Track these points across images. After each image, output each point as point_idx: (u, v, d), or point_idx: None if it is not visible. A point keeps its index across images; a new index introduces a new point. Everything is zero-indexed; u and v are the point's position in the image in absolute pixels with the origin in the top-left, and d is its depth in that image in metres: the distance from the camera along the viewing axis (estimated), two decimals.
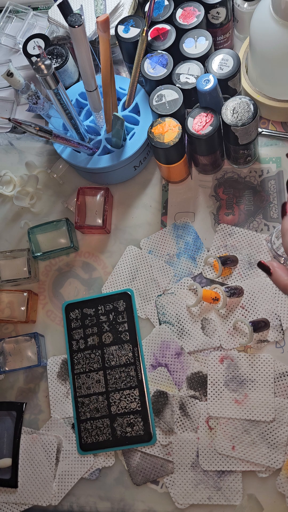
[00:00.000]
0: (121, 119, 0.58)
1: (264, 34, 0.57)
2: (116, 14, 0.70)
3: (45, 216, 0.72)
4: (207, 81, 0.56)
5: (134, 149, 0.64)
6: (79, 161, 0.65)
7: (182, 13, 0.64)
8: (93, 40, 0.70)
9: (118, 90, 0.67)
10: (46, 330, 0.67)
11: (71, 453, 0.60)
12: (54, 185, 0.73)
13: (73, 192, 0.72)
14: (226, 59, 0.60)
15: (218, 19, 0.65)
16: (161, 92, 0.61)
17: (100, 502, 0.59)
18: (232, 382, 0.58)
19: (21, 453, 0.61)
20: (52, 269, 0.69)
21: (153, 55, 0.63)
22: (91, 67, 0.56)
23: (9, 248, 0.71)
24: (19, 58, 0.77)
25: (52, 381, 0.64)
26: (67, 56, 0.69)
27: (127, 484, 0.59)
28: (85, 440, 0.60)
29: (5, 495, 0.61)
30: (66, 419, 0.62)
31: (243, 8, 0.67)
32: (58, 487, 0.60)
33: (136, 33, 0.64)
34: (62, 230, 0.68)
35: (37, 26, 0.79)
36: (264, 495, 0.56)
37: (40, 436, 0.61)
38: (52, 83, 0.52)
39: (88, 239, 0.69)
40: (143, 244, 0.67)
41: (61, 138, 0.57)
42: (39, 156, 0.75)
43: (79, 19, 0.49)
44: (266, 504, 0.55)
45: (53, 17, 0.72)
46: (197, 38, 0.62)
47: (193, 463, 0.57)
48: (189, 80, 0.61)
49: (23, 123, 0.50)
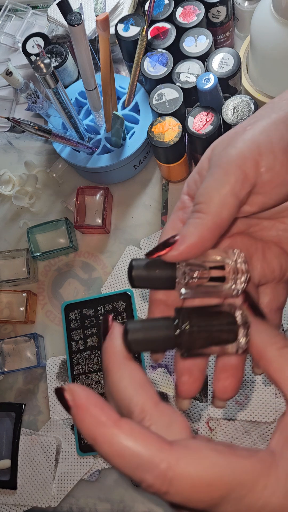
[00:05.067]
0: (121, 118, 0.58)
1: (264, 33, 0.57)
2: (116, 13, 0.70)
3: (44, 216, 0.71)
4: (207, 80, 0.56)
5: (134, 149, 0.63)
6: (79, 161, 0.65)
7: (182, 12, 0.63)
8: (92, 39, 0.69)
9: (117, 89, 0.66)
10: (45, 331, 0.67)
11: (71, 454, 0.60)
12: (53, 185, 0.73)
13: (72, 191, 0.71)
14: (227, 58, 0.59)
15: (218, 18, 0.65)
16: (161, 91, 0.61)
17: (99, 504, 0.59)
18: None
19: (20, 454, 0.61)
20: (51, 269, 0.69)
21: (153, 54, 0.62)
22: (91, 66, 0.55)
23: (8, 248, 0.71)
24: (18, 57, 0.77)
25: (52, 382, 0.63)
26: (66, 55, 0.69)
27: (127, 486, 0.59)
28: (85, 441, 0.59)
29: (4, 496, 0.60)
30: (66, 420, 0.62)
31: (244, 6, 0.66)
32: (58, 489, 0.59)
33: (136, 31, 0.63)
34: (61, 230, 0.67)
35: (36, 25, 0.78)
36: None
37: (39, 437, 0.61)
38: (51, 82, 0.52)
39: (87, 239, 0.69)
40: (143, 244, 0.66)
41: (60, 137, 0.57)
42: (38, 156, 0.75)
43: (79, 17, 0.49)
44: None
45: (53, 16, 0.71)
46: (197, 37, 0.62)
47: None
48: (189, 79, 0.61)
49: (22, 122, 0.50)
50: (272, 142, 0.29)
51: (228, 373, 0.32)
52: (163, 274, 0.30)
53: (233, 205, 0.29)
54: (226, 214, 0.29)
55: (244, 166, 0.29)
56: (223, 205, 0.29)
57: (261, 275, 0.34)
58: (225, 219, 0.29)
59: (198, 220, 0.29)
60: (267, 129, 0.29)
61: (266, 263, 0.33)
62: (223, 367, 0.32)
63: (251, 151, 0.29)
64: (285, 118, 0.29)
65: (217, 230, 0.29)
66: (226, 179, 0.29)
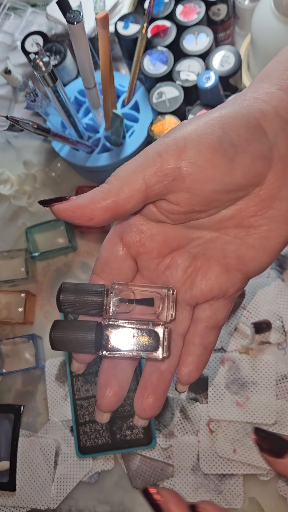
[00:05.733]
0: (121, 117, 0.57)
1: (265, 31, 0.56)
2: (116, 11, 0.69)
3: (43, 216, 0.71)
4: (208, 78, 0.56)
5: (133, 147, 0.63)
6: (78, 159, 0.64)
7: (183, 10, 0.63)
8: (92, 37, 0.69)
9: (117, 87, 0.66)
10: (44, 332, 0.66)
11: (70, 456, 0.60)
12: (52, 184, 0.72)
13: (71, 191, 0.71)
14: (227, 56, 0.59)
15: (219, 16, 0.65)
16: (161, 89, 0.60)
17: (99, 506, 0.59)
18: (233, 384, 0.57)
19: (19, 456, 0.61)
20: (50, 269, 0.69)
21: (153, 52, 0.62)
22: (90, 64, 0.55)
23: (6, 248, 0.70)
24: (17, 56, 0.76)
25: (50, 383, 0.63)
26: (65, 53, 0.68)
27: (127, 488, 0.58)
28: (84, 443, 0.59)
29: (3, 498, 0.60)
30: (65, 422, 0.61)
31: (244, 5, 0.66)
32: (57, 491, 0.59)
33: (135, 30, 0.63)
34: (60, 229, 0.67)
35: (35, 23, 0.78)
36: (266, 499, 0.55)
37: (38, 439, 0.61)
38: (50, 80, 0.52)
39: (87, 239, 0.69)
40: None
41: (59, 136, 0.57)
42: (37, 155, 0.74)
43: (78, 16, 0.48)
44: (267, 507, 0.55)
45: (52, 14, 0.71)
46: (197, 35, 0.61)
47: (194, 467, 0.56)
48: (190, 77, 0.60)
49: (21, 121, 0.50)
50: (200, 136, 0.29)
51: (148, 390, 0.33)
52: (92, 299, 0.31)
53: (137, 186, 0.29)
54: (128, 192, 0.29)
55: (165, 154, 0.29)
56: (127, 183, 0.29)
57: (198, 295, 0.33)
58: (125, 198, 0.29)
59: (99, 188, 0.30)
60: (200, 125, 0.29)
61: (205, 281, 0.33)
62: (144, 385, 0.33)
63: (177, 143, 0.29)
64: (221, 116, 0.29)
65: (112, 204, 0.29)
66: (140, 161, 0.29)
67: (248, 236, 0.31)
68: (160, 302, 0.32)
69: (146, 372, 0.34)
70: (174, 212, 0.30)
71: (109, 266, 0.33)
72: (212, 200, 0.30)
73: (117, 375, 0.33)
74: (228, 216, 0.31)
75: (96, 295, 0.31)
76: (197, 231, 0.33)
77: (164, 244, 0.33)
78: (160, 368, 0.33)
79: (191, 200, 0.30)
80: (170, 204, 0.30)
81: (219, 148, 0.28)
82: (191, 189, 0.29)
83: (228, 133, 0.28)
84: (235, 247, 0.32)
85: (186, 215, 0.31)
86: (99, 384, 0.33)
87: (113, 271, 0.33)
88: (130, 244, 0.33)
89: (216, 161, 0.28)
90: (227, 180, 0.29)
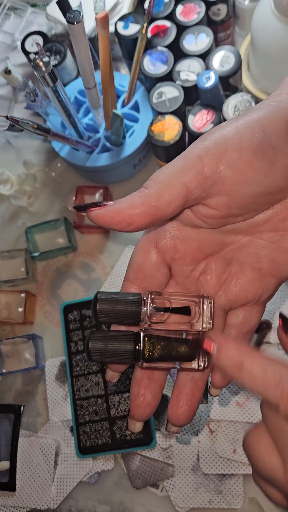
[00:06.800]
0: (121, 117, 0.57)
1: (265, 31, 0.56)
2: (116, 11, 0.69)
3: (43, 216, 0.71)
4: (208, 78, 0.56)
5: (133, 147, 0.63)
6: (78, 159, 0.64)
7: (183, 10, 0.63)
8: (92, 37, 0.69)
9: (117, 87, 0.66)
10: (44, 332, 0.66)
11: (70, 456, 0.60)
12: (52, 184, 0.72)
13: (71, 191, 0.71)
14: (227, 56, 0.59)
15: (219, 16, 0.65)
16: (161, 89, 0.60)
17: (99, 506, 0.59)
18: (233, 384, 0.57)
19: (19, 456, 0.61)
20: (50, 269, 0.69)
21: (153, 52, 0.62)
22: (90, 64, 0.55)
23: (6, 248, 0.70)
24: (17, 56, 0.76)
25: (50, 383, 0.63)
26: (65, 53, 0.68)
27: (127, 488, 0.58)
28: (84, 443, 0.59)
29: (3, 498, 0.60)
30: (65, 422, 0.61)
31: (244, 5, 0.66)
32: (57, 491, 0.59)
33: (135, 30, 0.63)
34: (60, 229, 0.67)
35: (35, 23, 0.78)
36: (266, 499, 0.55)
37: (38, 439, 0.61)
38: (50, 80, 0.52)
39: (86, 239, 0.69)
40: None
41: (59, 136, 0.56)
42: (37, 155, 0.74)
43: (78, 16, 0.48)
44: (267, 507, 0.55)
45: (52, 14, 0.71)
46: (197, 35, 0.61)
47: (194, 467, 0.56)
48: (190, 77, 0.60)
49: (21, 121, 0.50)
50: (241, 139, 0.28)
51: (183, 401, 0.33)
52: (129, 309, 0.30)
53: (177, 190, 0.28)
54: (168, 197, 0.28)
55: (205, 157, 0.28)
56: (166, 188, 0.28)
57: (233, 302, 0.33)
58: (165, 202, 0.28)
59: (137, 193, 0.29)
60: (239, 126, 0.29)
61: (239, 287, 0.32)
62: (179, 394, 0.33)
63: (217, 145, 0.28)
64: (260, 118, 0.29)
65: (152, 209, 0.28)
66: (180, 165, 0.28)
67: (282, 240, 0.31)
68: (196, 310, 0.31)
69: (180, 381, 0.33)
70: (211, 216, 0.30)
71: (143, 273, 0.32)
72: (251, 203, 0.29)
73: (150, 386, 0.32)
74: (263, 220, 0.31)
75: (133, 304, 0.30)
76: (232, 235, 0.32)
77: (198, 249, 0.32)
78: (194, 377, 0.33)
79: (230, 203, 0.29)
80: (208, 208, 0.29)
81: (259, 150, 0.28)
82: (231, 192, 0.28)
83: (269, 135, 0.28)
84: (269, 251, 0.31)
85: (223, 219, 0.30)
86: (133, 394, 0.32)
87: (148, 278, 0.32)
88: (165, 250, 0.32)
89: (256, 163, 0.28)
90: (267, 182, 0.28)
